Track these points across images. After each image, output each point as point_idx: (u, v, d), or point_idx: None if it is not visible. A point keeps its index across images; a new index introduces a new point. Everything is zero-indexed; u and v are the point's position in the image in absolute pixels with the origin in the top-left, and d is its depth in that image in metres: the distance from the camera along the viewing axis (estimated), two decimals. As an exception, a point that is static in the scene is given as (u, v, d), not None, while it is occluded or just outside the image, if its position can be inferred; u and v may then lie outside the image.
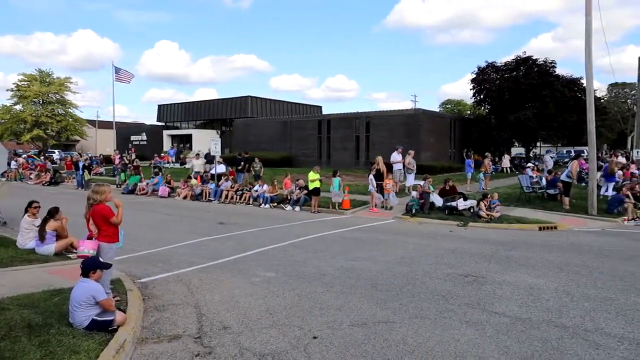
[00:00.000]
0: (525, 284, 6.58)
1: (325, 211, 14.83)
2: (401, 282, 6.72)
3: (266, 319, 5.22)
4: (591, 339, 4.64)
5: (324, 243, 9.76)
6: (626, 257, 8.41)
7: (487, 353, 4.32)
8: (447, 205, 13.68)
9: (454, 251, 8.91)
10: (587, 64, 13.56)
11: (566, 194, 14.17)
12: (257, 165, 20.17)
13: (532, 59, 34.52)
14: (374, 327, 4.96)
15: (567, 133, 35.31)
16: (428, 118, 32.44)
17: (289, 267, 7.58)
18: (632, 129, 40.72)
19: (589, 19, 13.16)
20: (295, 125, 37.05)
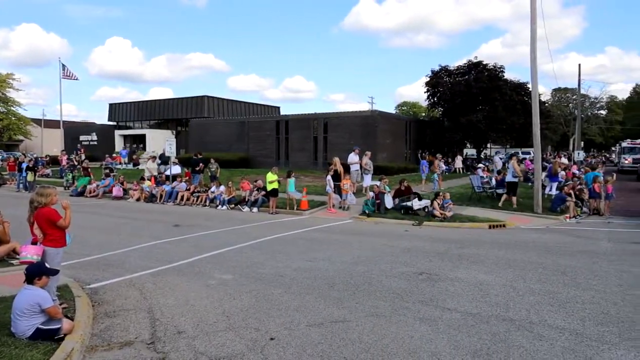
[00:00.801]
0: (476, 281, 6.84)
1: (283, 212, 14.80)
2: (358, 281, 6.81)
3: (222, 321, 5.15)
4: (535, 331, 4.89)
5: (281, 244, 9.74)
6: (568, 252, 8.92)
7: (440, 348, 4.47)
8: (402, 205, 13.99)
9: (409, 250, 9.13)
10: (533, 71, 14.27)
11: (513, 193, 14.84)
12: (214, 166, 19.84)
13: (483, 64, 35.97)
14: (331, 326, 5.01)
15: (515, 135, 37.03)
16: (384, 120, 33.04)
17: (246, 269, 7.52)
18: (574, 132, 43.24)
19: (534, 27, 13.86)
20: (253, 126, 36.71)
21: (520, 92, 34.91)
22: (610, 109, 77.14)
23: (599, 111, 76.08)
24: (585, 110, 65.25)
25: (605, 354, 4.31)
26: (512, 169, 14.89)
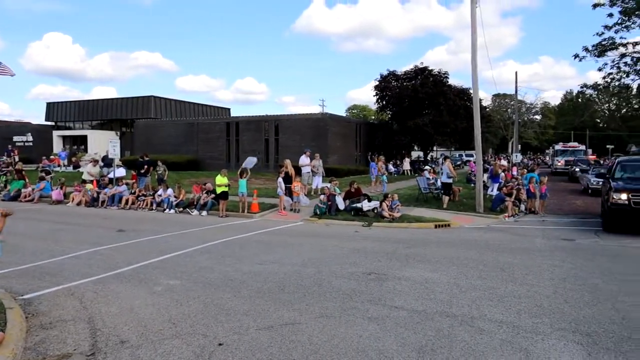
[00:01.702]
0: (422, 279, 7.07)
1: (233, 215, 14.59)
2: (308, 283, 6.85)
3: (169, 329, 5.01)
4: (476, 325, 5.13)
5: (231, 248, 9.60)
6: (506, 250, 9.42)
7: (387, 346, 4.58)
8: (352, 207, 14.21)
9: (358, 251, 9.29)
10: (474, 78, 14.97)
11: (447, 193, 15.49)
12: (161, 169, 19.24)
13: (428, 70, 37.27)
14: (281, 329, 5.00)
15: (459, 138, 38.64)
16: (335, 122, 33.42)
17: (194, 274, 7.35)
18: (512, 135, 45.70)
19: (474, 37, 14.55)
20: (202, 128, 35.95)
21: (463, 97, 36.49)
22: (544, 114, 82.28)
23: (534, 116, 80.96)
24: (522, 115, 69.17)
25: (538, 344, 4.59)
26: (447, 170, 15.54)
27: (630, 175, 12.53)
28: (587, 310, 5.59)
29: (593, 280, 6.98)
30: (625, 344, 4.58)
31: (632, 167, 13.14)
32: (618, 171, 12.94)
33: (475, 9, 14.43)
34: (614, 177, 12.47)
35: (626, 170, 12.91)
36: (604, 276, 7.19)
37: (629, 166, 13.22)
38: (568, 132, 73.50)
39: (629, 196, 10.75)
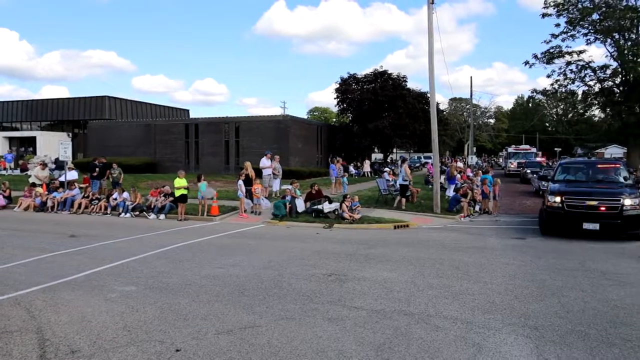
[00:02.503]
0: (381, 279, 7.20)
1: (193, 218, 14.32)
2: (268, 285, 6.82)
3: (123, 336, 4.86)
4: (433, 322, 5.28)
5: (190, 252, 9.42)
6: (462, 249, 9.74)
7: (346, 346, 4.63)
8: (313, 209, 14.26)
9: (319, 252, 9.34)
10: (431, 82, 15.42)
11: (403, 195, 15.87)
12: (116, 172, 18.58)
13: (388, 73, 37.99)
14: (240, 332, 4.96)
15: (418, 140, 39.57)
16: (296, 124, 33.45)
17: (150, 279, 7.16)
18: (468, 138, 47.27)
19: (431, 42, 14.97)
20: (160, 129, 35.04)
21: (421, 101, 37.43)
22: (498, 118, 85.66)
23: (489, 120, 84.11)
24: (477, 118, 71.68)
25: (490, 339, 4.78)
26: (404, 172, 15.92)
27: (570, 177, 12.59)
28: (535, 305, 5.87)
29: (541, 276, 7.33)
30: (569, 336, 4.84)
31: (573, 169, 13.14)
32: (559, 174, 12.93)
33: (432, 15, 14.87)
34: (554, 180, 12.54)
35: (566, 172, 12.92)
36: (551, 272, 7.57)
37: (569, 169, 13.21)
38: (520, 135, 76.91)
39: (562, 199, 10.75)
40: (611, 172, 12.49)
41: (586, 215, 10.41)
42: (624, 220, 10.27)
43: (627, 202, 10.32)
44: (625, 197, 10.39)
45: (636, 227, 10.40)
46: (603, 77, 34.76)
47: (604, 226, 10.28)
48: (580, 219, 10.42)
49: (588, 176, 12.35)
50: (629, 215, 10.28)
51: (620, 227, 10.37)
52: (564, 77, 35.51)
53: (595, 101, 37.76)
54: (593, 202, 10.46)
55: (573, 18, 33.53)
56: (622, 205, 10.30)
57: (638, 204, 10.39)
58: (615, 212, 10.32)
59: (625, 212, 10.28)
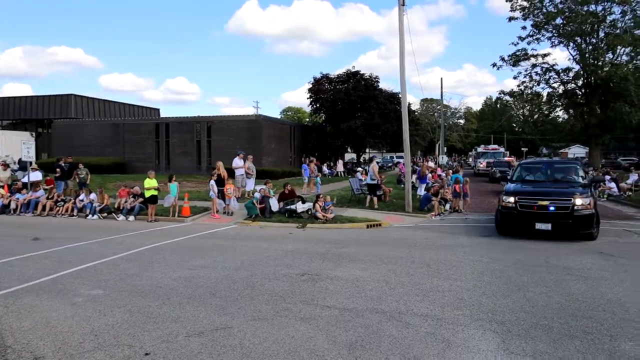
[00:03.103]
0: (353, 277, 7.26)
1: (163, 220, 14.07)
2: (241, 286, 6.77)
3: (90, 341, 4.73)
4: (403, 320, 5.36)
5: (161, 253, 9.25)
6: (432, 247, 9.92)
7: (318, 345, 4.65)
8: (287, 209, 14.23)
9: (292, 252, 9.33)
10: (402, 82, 15.62)
11: (373, 193, 16.06)
12: (83, 172, 18.06)
13: (360, 74, 38.31)
14: (212, 334, 4.91)
15: (390, 140, 40.08)
16: (269, 124, 33.30)
17: (119, 282, 7.00)
18: (439, 138, 48.16)
19: (402, 42, 15.17)
20: (129, 129, 34.24)
21: (393, 101, 37.89)
22: (467, 119, 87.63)
23: (459, 120, 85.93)
24: (447, 119, 73.12)
25: (459, 335, 4.89)
26: (372, 172, 16.11)
27: (528, 178, 12.49)
28: (502, 301, 6.04)
29: (508, 272, 7.55)
30: (533, 329, 5.01)
31: (532, 169, 13.03)
32: (517, 174, 12.83)
33: (403, 16, 15.07)
34: (512, 180, 12.48)
35: (525, 173, 12.82)
36: (517, 269, 7.80)
37: (528, 169, 13.13)
38: (488, 135, 78.87)
39: (516, 199, 10.68)
40: (568, 171, 12.50)
41: (538, 216, 10.34)
42: (575, 220, 10.17)
43: (578, 201, 10.20)
44: (576, 197, 10.29)
45: (588, 227, 10.31)
46: (566, 79, 36.12)
47: (556, 226, 10.20)
48: (532, 219, 10.36)
49: (546, 176, 12.31)
50: (580, 215, 10.17)
51: (571, 227, 10.26)
52: (530, 79, 36.76)
53: (559, 103, 39.19)
54: (545, 202, 10.38)
55: (538, 22, 34.67)
56: (573, 205, 10.18)
57: (589, 204, 10.28)
58: (567, 212, 10.21)
59: (577, 212, 10.17)
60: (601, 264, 8.13)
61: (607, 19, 32.75)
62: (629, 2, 31.61)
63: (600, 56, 33.39)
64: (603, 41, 33.29)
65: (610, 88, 32.58)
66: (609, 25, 32.76)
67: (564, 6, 33.46)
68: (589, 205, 10.27)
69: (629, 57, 33.69)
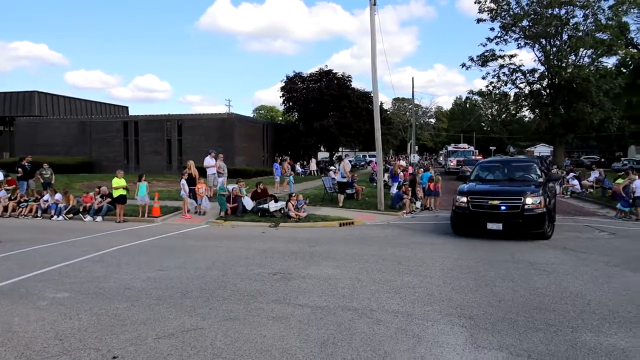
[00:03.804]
0: (326, 276, 7.29)
1: (132, 220, 13.76)
2: (212, 286, 6.70)
3: (55, 346, 4.59)
4: (375, 316, 5.42)
5: (129, 254, 9.05)
6: (404, 244, 10.06)
7: (291, 343, 4.66)
8: (259, 208, 14.16)
9: (265, 251, 9.29)
10: (374, 81, 15.77)
11: (342, 192, 16.20)
12: (47, 172, 17.45)
13: (333, 73, 38.46)
14: (182, 336, 4.85)
15: (363, 139, 40.41)
16: (242, 123, 33.02)
17: (86, 285, 6.81)
18: (411, 137, 48.85)
19: (374, 42, 15.31)
20: (96, 127, 33.33)
21: (365, 100, 38.22)
22: (438, 118, 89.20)
23: (430, 119, 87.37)
24: (418, 118, 74.21)
25: (429, 330, 4.99)
26: (342, 170, 16.24)
27: (485, 177, 12.31)
28: (470, 296, 6.19)
29: (476, 268, 7.73)
30: (500, 323, 5.16)
31: (489, 168, 12.83)
32: (476, 173, 12.62)
33: (374, 16, 15.20)
34: (471, 179, 12.28)
35: (484, 172, 12.63)
36: (485, 264, 8.00)
37: (486, 168, 12.93)
38: (458, 134, 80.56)
39: (468, 199, 10.55)
40: (525, 170, 12.21)
41: (490, 215, 10.16)
42: (525, 219, 9.94)
43: (529, 200, 9.94)
44: (527, 196, 10.02)
45: (540, 226, 10.07)
46: (532, 80, 37.26)
47: (507, 226, 10.01)
48: (484, 219, 10.19)
49: (504, 175, 12.11)
50: (531, 215, 9.92)
51: (522, 227, 10.04)
52: (498, 79, 37.75)
53: (525, 103, 40.38)
54: (495, 202, 10.18)
55: (506, 23, 35.60)
56: (524, 204, 9.94)
57: (540, 203, 10.00)
58: (517, 211, 9.98)
59: (527, 211, 9.92)
60: (564, 259, 8.43)
61: (570, 22, 33.96)
62: (590, 6, 32.85)
63: (564, 58, 34.58)
64: (566, 43, 34.49)
65: (573, 89, 33.80)
66: (572, 28, 33.97)
67: (529, 9, 34.50)
68: (540, 204, 9.99)
69: (590, 59, 35.05)
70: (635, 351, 4.38)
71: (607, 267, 7.78)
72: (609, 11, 33.19)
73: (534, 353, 4.35)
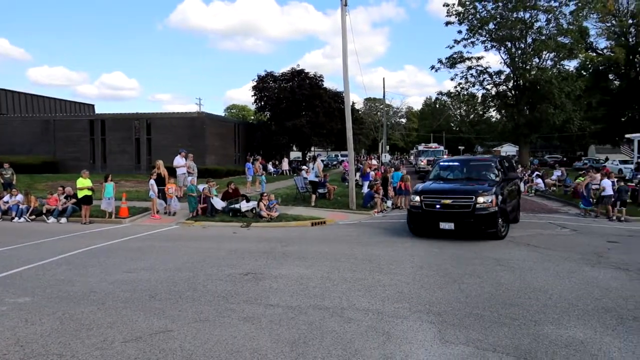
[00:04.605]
0: (297, 275, 7.30)
1: (99, 221, 13.40)
2: (182, 288, 6.61)
3: (15, 352, 4.43)
4: (346, 315, 5.47)
5: (95, 257, 8.81)
6: (374, 243, 10.18)
7: (261, 344, 4.65)
8: (230, 208, 14.03)
9: (236, 251, 9.22)
10: (345, 81, 15.86)
11: (314, 191, 16.31)
12: (8, 172, 16.80)
13: (305, 72, 38.47)
14: (150, 339, 4.76)
15: (335, 139, 40.62)
16: (212, 122, 32.62)
17: (49, 289, 6.59)
18: (382, 137, 49.40)
19: (345, 42, 15.40)
20: (60, 126, 32.25)
21: (337, 100, 38.41)
22: (409, 118, 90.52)
23: (401, 119, 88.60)
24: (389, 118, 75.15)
25: (398, 327, 5.07)
26: (316, 169, 16.34)
27: (446, 176, 12.15)
28: (439, 293, 6.32)
29: (444, 265, 7.90)
30: (467, 319, 5.29)
31: (448, 168, 12.68)
32: (435, 172, 12.53)
33: (345, 16, 15.30)
34: (430, 178, 12.13)
35: (442, 171, 12.48)
36: (453, 262, 8.19)
37: (445, 167, 12.77)
38: (428, 134, 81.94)
39: (421, 198, 10.45)
40: (482, 169, 11.92)
41: (442, 215, 10.07)
42: (476, 219, 9.79)
43: (480, 200, 9.79)
44: (479, 195, 9.86)
45: (492, 226, 9.92)
46: (498, 81, 38.33)
47: (459, 225, 9.91)
48: (437, 219, 10.09)
49: (463, 174, 11.92)
50: (482, 214, 9.77)
51: (474, 226, 9.91)
52: (466, 80, 38.67)
53: (492, 103, 41.50)
54: (447, 201, 10.09)
55: (473, 26, 36.49)
56: (475, 203, 9.78)
57: (491, 202, 9.83)
58: (468, 210, 9.84)
59: (478, 210, 9.77)
60: (528, 255, 8.72)
61: (534, 25, 35.10)
62: (552, 10, 34.06)
63: (528, 60, 35.72)
64: (530, 46, 35.63)
65: (537, 90, 34.95)
66: (536, 32, 35.14)
67: (495, 12, 35.47)
68: (492, 203, 9.83)
69: (553, 62, 36.33)
70: (592, 342, 4.58)
71: (568, 262, 8.09)
72: (570, 16, 34.50)
73: (499, 347, 4.49)
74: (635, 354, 4.31)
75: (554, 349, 4.42)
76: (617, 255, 8.61)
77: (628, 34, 41.01)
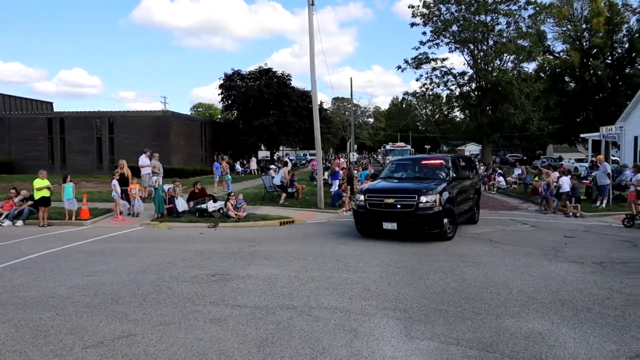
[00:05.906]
0: (265, 275, 7.26)
1: (58, 224, 12.90)
2: (146, 291, 6.45)
3: (-34, 363, 4.22)
4: (314, 314, 5.48)
5: (54, 260, 8.48)
6: (342, 241, 10.23)
7: (228, 345, 4.60)
8: (197, 208, 13.80)
9: (202, 252, 9.08)
10: (312, 80, 15.88)
11: (284, 191, 16.37)
12: (-42, 173, 15.93)
13: (273, 71, 38.31)
14: (112, 344, 4.62)
15: (303, 138, 40.63)
16: (178, 120, 31.99)
17: (4, 294, 6.30)
18: (350, 136, 49.77)
19: (312, 41, 15.42)
20: (16, 124, 30.85)
21: (305, 100, 38.43)
22: (376, 117, 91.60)
23: (368, 119, 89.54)
24: (357, 117, 75.82)
25: (366, 324, 5.12)
26: (283, 174, 16.51)
27: (394, 175, 11.92)
28: (405, 290, 6.43)
29: (410, 263, 8.04)
30: (432, 314, 5.41)
31: (400, 166, 12.41)
32: (386, 171, 12.30)
33: (312, 16, 15.32)
34: (382, 177, 11.95)
35: (394, 170, 12.23)
36: (419, 259, 8.34)
37: (397, 166, 12.49)
38: (396, 133, 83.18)
39: (365, 197, 10.21)
40: (434, 168, 11.53)
41: (385, 214, 9.85)
42: (419, 218, 9.55)
43: (423, 199, 9.52)
44: (422, 194, 9.60)
45: (435, 226, 9.67)
46: (462, 82, 39.36)
47: (402, 225, 9.70)
48: (380, 218, 9.88)
49: (414, 173, 11.63)
50: (425, 214, 9.50)
51: (416, 226, 9.68)
52: (430, 81, 39.48)
53: (456, 104, 42.57)
54: (390, 200, 9.85)
55: (437, 28, 37.30)
56: (418, 202, 9.52)
57: (435, 201, 9.53)
58: (411, 210, 9.58)
59: (421, 210, 9.50)
60: (491, 251, 9.00)
61: (495, 28, 36.23)
62: (512, 14, 35.25)
63: (490, 62, 36.83)
64: (492, 49, 36.76)
65: (498, 91, 36.08)
66: (497, 35, 36.28)
67: (459, 15, 36.38)
68: (435, 202, 9.54)
69: (513, 64, 37.61)
70: (550, 333, 4.77)
71: (528, 257, 8.39)
72: (529, 20, 35.81)
73: (463, 340, 4.61)
74: (589, 343, 4.52)
75: (514, 341, 4.58)
76: (573, 250, 9.00)
77: (582, 39, 42.94)
